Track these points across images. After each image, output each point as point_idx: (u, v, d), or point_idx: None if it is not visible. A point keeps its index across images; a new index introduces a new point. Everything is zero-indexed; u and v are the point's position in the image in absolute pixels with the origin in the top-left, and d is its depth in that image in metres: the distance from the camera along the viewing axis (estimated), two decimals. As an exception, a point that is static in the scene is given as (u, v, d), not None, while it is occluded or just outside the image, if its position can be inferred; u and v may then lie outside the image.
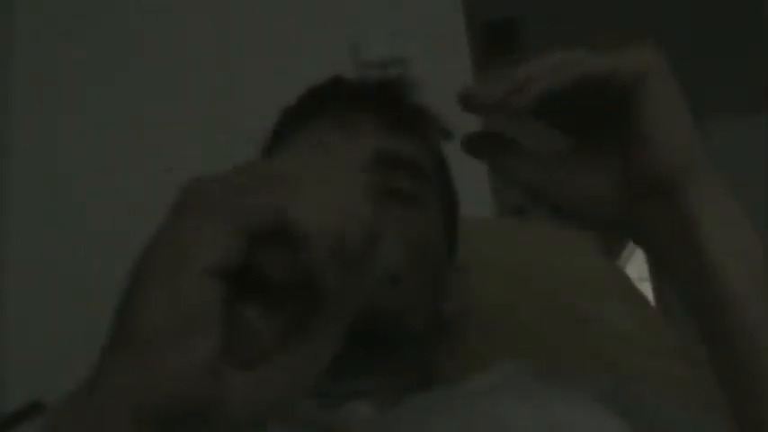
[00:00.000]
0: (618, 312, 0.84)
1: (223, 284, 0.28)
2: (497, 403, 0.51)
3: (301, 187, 0.29)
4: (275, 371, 0.30)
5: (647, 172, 0.42)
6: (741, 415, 0.41)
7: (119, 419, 0.27)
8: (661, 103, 0.41)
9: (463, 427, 0.49)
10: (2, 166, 1.17)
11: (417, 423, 0.51)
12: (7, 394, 1.03)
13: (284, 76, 1.10)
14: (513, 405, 0.50)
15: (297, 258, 0.28)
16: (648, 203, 0.43)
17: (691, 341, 0.87)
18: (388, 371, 0.58)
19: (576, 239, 0.93)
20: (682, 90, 0.43)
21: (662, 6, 2.55)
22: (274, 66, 1.24)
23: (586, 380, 0.58)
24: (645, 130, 0.41)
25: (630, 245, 4.03)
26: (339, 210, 0.29)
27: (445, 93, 0.66)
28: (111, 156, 1.19)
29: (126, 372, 0.27)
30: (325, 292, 0.29)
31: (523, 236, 0.95)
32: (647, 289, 3.45)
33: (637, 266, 3.84)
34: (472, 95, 0.41)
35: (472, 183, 0.72)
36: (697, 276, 0.41)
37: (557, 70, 0.39)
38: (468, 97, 0.41)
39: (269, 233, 0.28)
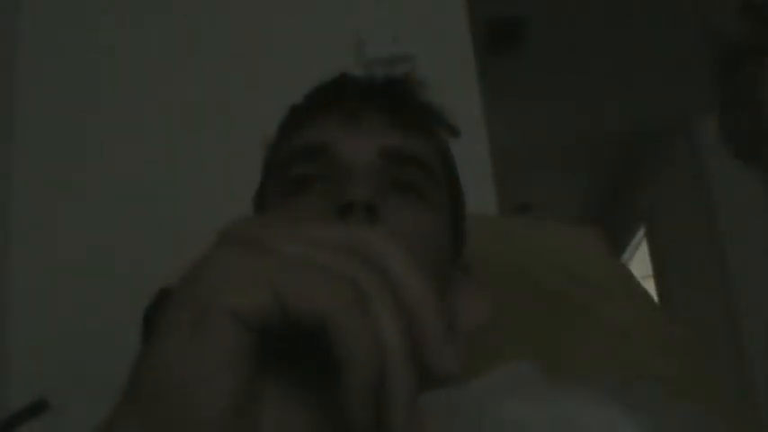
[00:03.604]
0: (622, 310, 0.84)
1: (252, 335, 0.26)
2: (507, 403, 0.50)
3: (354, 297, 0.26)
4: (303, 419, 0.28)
5: None
6: None
7: None
8: None
9: (473, 429, 0.49)
10: (5, 163, 1.17)
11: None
12: (13, 392, 1.03)
13: (289, 74, 1.10)
14: (523, 405, 0.50)
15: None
16: None
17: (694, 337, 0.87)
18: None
19: (580, 237, 0.93)
20: None
21: (664, 4, 2.55)
22: (279, 64, 1.24)
23: (594, 379, 0.57)
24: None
25: (635, 242, 4.03)
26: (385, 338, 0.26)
27: (448, 90, 0.66)
28: (114, 158, 1.19)
29: (142, 419, 0.26)
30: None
31: (527, 234, 0.95)
32: (650, 286, 3.45)
33: (641, 264, 3.84)
34: None
35: (475, 180, 0.72)
36: None
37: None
38: None
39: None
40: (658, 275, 3.52)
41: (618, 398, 0.53)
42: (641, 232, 3.87)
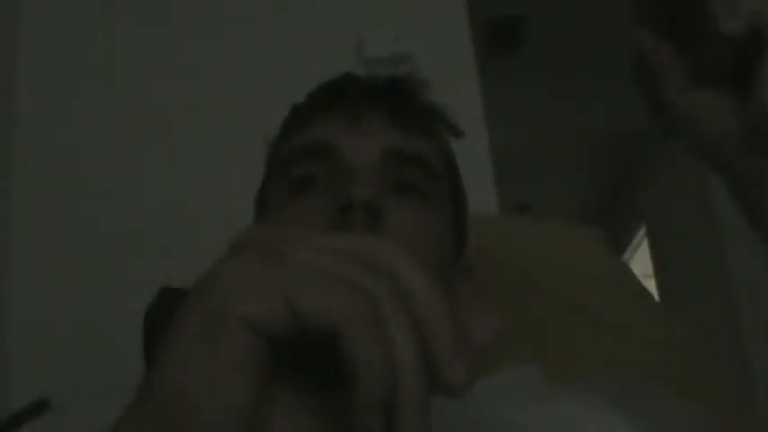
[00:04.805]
0: (622, 309, 0.84)
1: (263, 341, 0.26)
2: (508, 405, 0.50)
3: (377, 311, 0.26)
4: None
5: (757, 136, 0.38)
6: None
7: None
8: None
9: (473, 430, 0.49)
10: (5, 163, 1.17)
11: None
12: (13, 392, 1.03)
13: (289, 74, 1.10)
14: (523, 407, 0.50)
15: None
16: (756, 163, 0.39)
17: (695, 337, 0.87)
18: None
19: (580, 237, 0.93)
20: None
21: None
22: (279, 64, 1.24)
23: (594, 379, 0.57)
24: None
25: (635, 242, 4.03)
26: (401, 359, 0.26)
27: (448, 90, 0.66)
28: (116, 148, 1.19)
29: (152, 423, 0.26)
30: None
31: (527, 234, 0.95)
32: (651, 285, 3.45)
33: (641, 264, 3.84)
34: None
35: (475, 180, 0.72)
36: None
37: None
38: None
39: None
40: (658, 275, 3.52)
41: (618, 399, 0.53)
42: (641, 232, 3.87)
